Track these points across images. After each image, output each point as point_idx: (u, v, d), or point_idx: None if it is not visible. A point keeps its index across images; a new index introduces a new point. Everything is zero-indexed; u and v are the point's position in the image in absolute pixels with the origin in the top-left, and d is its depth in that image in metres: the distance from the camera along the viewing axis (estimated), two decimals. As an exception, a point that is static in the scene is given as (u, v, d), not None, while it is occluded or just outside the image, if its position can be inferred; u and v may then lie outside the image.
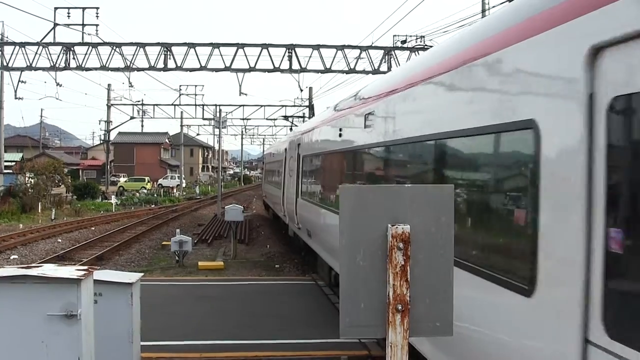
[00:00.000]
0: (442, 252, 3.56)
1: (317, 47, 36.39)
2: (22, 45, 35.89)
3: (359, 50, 36.33)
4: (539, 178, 4.46)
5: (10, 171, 52.46)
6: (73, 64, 36.02)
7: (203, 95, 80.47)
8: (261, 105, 66.76)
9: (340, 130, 12.87)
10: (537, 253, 4.45)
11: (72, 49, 36.07)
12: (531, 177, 4.62)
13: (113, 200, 53.34)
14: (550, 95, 4.43)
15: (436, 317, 3.57)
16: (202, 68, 36.37)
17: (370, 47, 36.17)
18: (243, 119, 71.02)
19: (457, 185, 5.86)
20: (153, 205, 55.59)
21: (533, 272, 4.48)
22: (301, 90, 45.61)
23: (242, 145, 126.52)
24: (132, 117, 70.07)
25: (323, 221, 14.31)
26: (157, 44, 36.58)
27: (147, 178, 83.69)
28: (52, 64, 35.95)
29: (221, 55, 36.32)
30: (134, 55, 36.41)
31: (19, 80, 38.25)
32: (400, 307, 3.45)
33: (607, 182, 3.76)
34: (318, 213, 14.97)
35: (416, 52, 33.00)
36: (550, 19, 4.43)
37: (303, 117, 57.36)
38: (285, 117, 64.06)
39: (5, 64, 36.08)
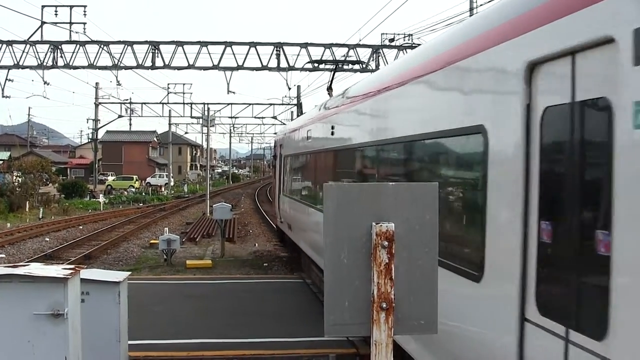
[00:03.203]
0: (426, 250, 3.57)
1: (305, 45, 36.39)
2: (9, 43, 35.66)
3: (346, 48, 36.34)
4: None
5: (-2, 170, 52.20)
6: (61, 62, 35.87)
7: (191, 93, 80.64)
8: (249, 104, 66.78)
9: None
10: None
11: (59, 47, 35.91)
12: None
13: (101, 199, 53.12)
14: None
15: (421, 315, 3.58)
16: (190, 66, 36.31)
17: (358, 45, 36.17)
18: (231, 117, 70.94)
19: None
20: (141, 204, 55.34)
21: None
22: (289, 89, 45.81)
23: (230, 143, 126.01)
24: (120, 116, 69.79)
25: None
26: (145, 42, 36.48)
27: (135, 177, 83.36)
28: (39, 62, 35.78)
29: (209, 53, 36.31)
30: (121, 53, 36.30)
31: (6, 79, 38.05)
32: (384, 305, 3.46)
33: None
34: None
35: (404, 51, 33.04)
36: None
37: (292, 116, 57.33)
38: (275, 117, 64.07)
39: (-8, 62, 35.90)
